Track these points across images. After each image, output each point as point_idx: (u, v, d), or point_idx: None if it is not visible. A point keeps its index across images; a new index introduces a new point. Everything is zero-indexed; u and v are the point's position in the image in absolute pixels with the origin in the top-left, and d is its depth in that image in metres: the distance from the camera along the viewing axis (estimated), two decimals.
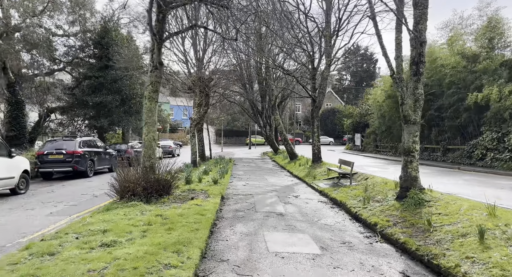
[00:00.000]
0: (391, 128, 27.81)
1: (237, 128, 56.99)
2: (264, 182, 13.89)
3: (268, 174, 16.76)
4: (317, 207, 9.04)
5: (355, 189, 10.40)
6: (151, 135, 8.59)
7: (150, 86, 8.54)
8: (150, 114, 8.57)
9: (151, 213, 6.81)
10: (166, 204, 7.95)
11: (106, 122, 21.67)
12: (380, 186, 9.81)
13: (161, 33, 8.48)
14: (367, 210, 7.65)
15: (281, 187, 12.62)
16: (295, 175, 16.13)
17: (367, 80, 72.81)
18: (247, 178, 14.81)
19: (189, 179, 11.20)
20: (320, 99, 16.27)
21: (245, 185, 12.75)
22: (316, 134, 16.78)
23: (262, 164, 22.84)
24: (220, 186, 11.06)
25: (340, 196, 9.61)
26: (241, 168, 19.95)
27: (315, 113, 16.66)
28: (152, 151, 8.64)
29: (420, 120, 7.49)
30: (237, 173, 16.69)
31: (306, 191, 11.88)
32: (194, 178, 11.78)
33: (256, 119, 31.43)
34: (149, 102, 8.56)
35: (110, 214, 6.72)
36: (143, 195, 7.98)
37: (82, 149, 14.74)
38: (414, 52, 7.31)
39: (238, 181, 13.73)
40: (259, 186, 12.51)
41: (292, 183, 13.82)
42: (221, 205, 8.73)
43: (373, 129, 33.29)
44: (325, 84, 15.94)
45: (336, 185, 11.89)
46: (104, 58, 22.26)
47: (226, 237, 5.98)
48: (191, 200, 8.54)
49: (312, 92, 16.76)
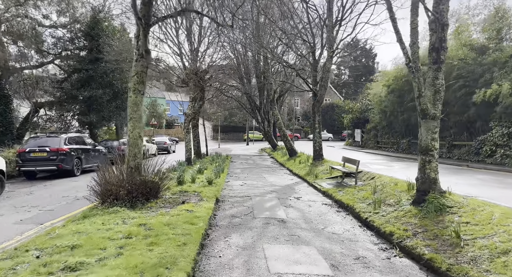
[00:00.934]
0: (393, 123, 26.98)
1: (234, 124, 56.00)
2: (263, 181, 13.02)
3: (267, 172, 15.90)
4: (322, 210, 8.18)
5: (362, 190, 9.55)
6: (136, 132, 7.67)
7: (135, 77, 7.61)
8: (135, 108, 7.64)
9: (134, 221, 5.92)
10: (153, 209, 7.06)
11: (96, 118, 20.67)
12: (390, 187, 8.95)
13: (148, 17, 7.52)
14: (379, 216, 6.79)
15: (281, 187, 11.76)
16: (295, 173, 15.27)
17: (366, 75, 71.94)
18: (244, 177, 13.94)
19: (182, 179, 10.30)
20: (322, 93, 15.37)
21: (242, 184, 11.87)
22: (317, 130, 15.91)
23: (261, 161, 21.97)
24: (215, 186, 10.17)
25: (346, 198, 8.75)
26: (239, 165, 19.07)
27: (316, 108, 15.77)
28: (138, 149, 7.73)
29: (440, 115, 6.60)
30: (234, 171, 15.82)
31: (308, 191, 11.02)
32: (187, 178, 10.88)
33: (254, 114, 30.53)
34: (134, 95, 7.63)
35: (86, 223, 5.83)
36: (127, 199, 7.08)
37: (68, 146, 13.80)
38: (434, 37, 6.41)
39: (235, 180, 12.85)
40: (258, 186, 11.64)
41: (293, 182, 12.96)
42: (215, 209, 7.85)
43: (373, 125, 32.46)
44: (327, 77, 15.03)
45: (341, 185, 11.03)
46: (95, 50, 21.21)
47: (220, 251, 5.10)
48: (182, 204, 7.65)
49: (313, 85, 15.86)
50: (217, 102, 43.86)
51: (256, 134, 50.63)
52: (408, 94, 23.04)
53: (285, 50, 20.59)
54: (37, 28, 20.40)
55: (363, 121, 35.57)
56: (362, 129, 35.70)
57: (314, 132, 16.03)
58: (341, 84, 74.68)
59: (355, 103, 38.28)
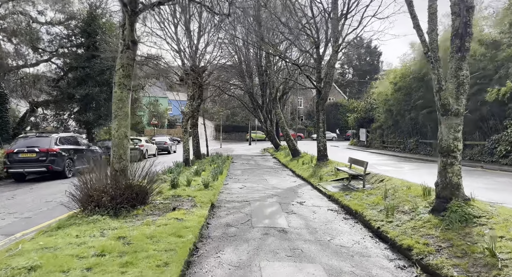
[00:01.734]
0: (399, 123, 26.09)
1: (236, 123, 55.28)
2: (264, 183, 12.25)
3: (268, 174, 15.12)
4: (328, 217, 7.39)
5: (372, 194, 8.75)
6: (122, 131, 6.93)
7: (120, 70, 6.86)
8: (120, 105, 6.90)
9: (113, 233, 5.17)
10: (139, 217, 6.31)
11: (93, 117, 19.99)
12: (402, 191, 8.15)
13: (134, 3, 6.78)
14: (394, 226, 6.00)
15: (283, 190, 10.97)
16: (299, 174, 14.48)
17: (370, 74, 70.96)
18: (244, 179, 13.17)
19: (175, 183, 9.54)
20: (326, 90, 14.57)
21: (241, 188, 11.10)
22: (322, 129, 15.10)
23: (262, 162, 21.20)
24: (211, 190, 9.41)
25: (354, 204, 7.96)
26: (239, 166, 18.31)
27: (320, 106, 14.97)
28: (123, 150, 6.98)
29: (464, 110, 5.79)
30: (234, 173, 15.06)
31: (312, 195, 10.23)
32: (181, 181, 10.13)
33: (256, 114, 29.77)
34: (120, 90, 6.89)
35: (58, 235, 5.09)
36: (110, 206, 6.34)
37: (59, 146, 13.11)
38: (457, 22, 5.60)
39: (234, 183, 12.09)
40: (258, 189, 10.87)
41: (296, 185, 12.17)
42: (209, 217, 7.09)
43: (379, 124, 31.59)
44: (332, 73, 14.22)
45: (347, 188, 10.24)
46: (92, 47, 20.55)
47: (209, 272, 4.33)
48: (173, 211, 6.90)
49: (318, 82, 15.05)
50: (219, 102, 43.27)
51: (259, 134, 49.89)
52: (416, 92, 22.19)
53: (287, 47, 19.81)
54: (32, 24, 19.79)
55: (368, 120, 34.72)
56: (367, 129, 34.86)
57: (318, 131, 15.23)
58: (345, 83, 73.71)
59: (360, 102, 37.41)
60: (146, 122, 44.18)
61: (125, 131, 6.97)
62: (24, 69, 23.04)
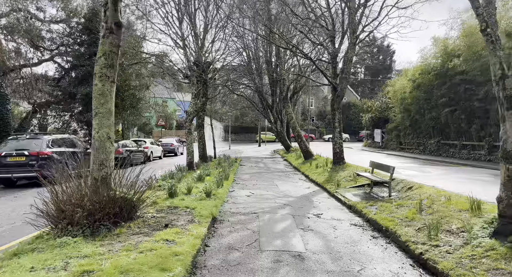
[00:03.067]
0: (418, 123, 24.48)
1: (246, 124, 54.13)
2: (274, 190, 10.98)
3: (279, 178, 13.85)
4: (352, 236, 6.09)
5: (402, 205, 7.40)
6: (104, 132, 5.76)
7: (102, 58, 5.71)
8: (102, 100, 5.74)
9: (80, 264, 3.98)
10: (121, 237, 5.13)
11: None
12: (440, 203, 6.80)
13: None
14: (443, 252, 4.66)
15: (296, 198, 9.70)
16: (312, 179, 13.17)
17: (383, 73, 69.23)
18: (253, 185, 11.92)
19: (173, 191, 8.35)
20: (343, 87, 13.25)
21: (249, 195, 9.86)
22: (338, 129, 13.78)
23: (272, 164, 19.93)
24: (214, 200, 8.19)
25: (383, 218, 6.63)
26: (248, 169, 17.08)
27: (336, 104, 13.65)
28: (106, 155, 5.81)
29: None
30: (241, 177, 13.83)
31: (330, 204, 8.92)
32: (181, 189, 8.95)
33: (266, 114, 28.56)
34: (101, 82, 5.73)
35: (7, 268, 3.92)
36: (86, 224, 5.18)
37: (52, 149, 12.09)
38: None
39: (241, 190, 10.84)
40: (268, 198, 9.61)
41: (310, 192, 10.87)
42: (208, 235, 5.86)
43: (395, 124, 29.95)
44: (349, 68, 12.90)
45: (370, 197, 8.90)
46: (93, 45, 19.62)
47: None
48: (165, 228, 5.70)
49: (333, 78, 13.73)
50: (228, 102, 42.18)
51: (269, 135, 48.66)
52: (438, 90, 20.62)
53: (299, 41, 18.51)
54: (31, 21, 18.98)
55: (383, 120, 33.11)
56: (382, 130, 33.27)
57: (334, 132, 13.90)
58: (357, 83, 71.95)
59: (375, 102, 35.77)
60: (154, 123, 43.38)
61: (108, 132, 5.80)
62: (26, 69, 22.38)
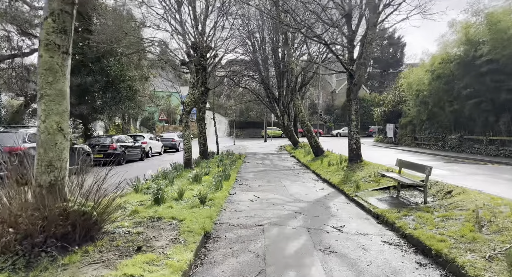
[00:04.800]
0: (436, 116, 22.67)
1: (251, 119, 52.58)
2: (283, 192, 9.41)
3: (287, 177, 12.27)
4: (390, 263, 4.49)
5: (449, 217, 5.77)
6: (53, 122, 4.20)
7: (49, 20, 4.14)
8: (50, 78, 4.17)
9: None
10: (68, 272, 3.59)
11: (86, 110, 17.54)
12: (504, 216, 5.17)
13: None
14: None
15: (308, 203, 8.11)
16: (326, 179, 11.56)
17: (394, 66, 67.02)
18: (257, 186, 10.35)
19: (160, 196, 6.81)
20: (361, 74, 11.58)
21: (253, 200, 8.29)
22: (355, 122, 12.13)
23: (279, 161, 18.34)
24: (209, 208, 6.64)
25: (429, 236, 5.01)
26: (252, 167, 15.52)
27: (353, 93, 11.98)
28: (56, 152, 4.26)
29: None
30: (245, 177, 12.27)
31: (351, 212, 7.32)
32: (170, 193, 7.42)
33: (272, 108, 26.93)
34: (48, 53, 4.16)
35: None
36: (20, 251, 3.66)
37: (30, 144, 10.61)
38: None
39: (243, 192, 9.28)
40: (275, 203, 8.04)
41: (324, 195, 9.27)
42: (196, 262, 4.31)
43: (409, 118, 28.15)
44: (369, 52, 11.19)
45: (400, 204, 7.29)
46: (85, 31, 18.12)
47: None
48: (136, 252, 4.16)
49: (349, 64, 12.06)
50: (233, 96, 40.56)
51: (275, 130, 47.06)
52: (461, 80, 18.79)
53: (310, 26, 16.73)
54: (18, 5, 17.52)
55: (397, 115, 31.30)
56: (395, 124, 31.47)
57: (349, 125, 12.25)
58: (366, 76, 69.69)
59: (387, 95, 33.90)
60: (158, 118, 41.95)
61: (59, 122, 4.24)
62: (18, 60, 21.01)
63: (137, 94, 21.23)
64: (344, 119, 53.62)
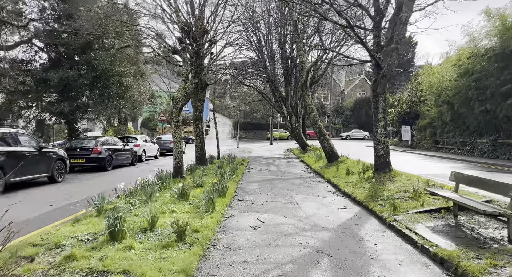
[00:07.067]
0: (463, 117, 20.26)
1: (256, 120, 50.36)
2: (295, 212, 7.18)
3: (298, 189, 10.03)
4: None
5: None
6: None
7: None
8: None
9: None
10: None
11: (69, 108, 15.43)
12: None
13: None
14: None
15: (332, 232, 5.87)
16: (347, 193, 9.29)
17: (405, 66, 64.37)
18: (262, 203, 8.11)
19: (118, 228, 4.58)
20: (392, 62, 9.32)
21: (256, 227, 6.04)
22: (382, 123, 9.87)
23: (287, 167, 16.09)
24: (190, 247, 4.42)
25: None
26: (256, 174, 13.31)
27: (380, 87, 9.73)
28: None
29: None
30: (247, 188, 10.04)
31: (397, 249, 5.05)
32: (141, 218, 5.23)
33: (279, 108, 24.70)
34: None
35: None
36: None
37: None
38: None
39: (243, 214, 7.03)
40: (287, 232, 5.79)
41: (350, 217, 7.00)
42: None
43: (428, 120, 25.77)
44: (403, 34, 8.93)
45: (467, 237, 5.03)
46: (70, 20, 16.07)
47: None
48: None
49: (375, 51, 9.81)
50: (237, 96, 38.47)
51: (281, 132, 44.81)
52: (497, 76, 16.41)
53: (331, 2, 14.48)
54: None
55: (414, 116, 28.89)
56: (411, 126, 29.05)
57: (376, 126, 9.98)
58: None
59: (403, 94, 31.50)
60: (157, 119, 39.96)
61: None
62: None
63: (130, 92, 19.13)
64: (355, 121, 51.18)
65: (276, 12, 21.51)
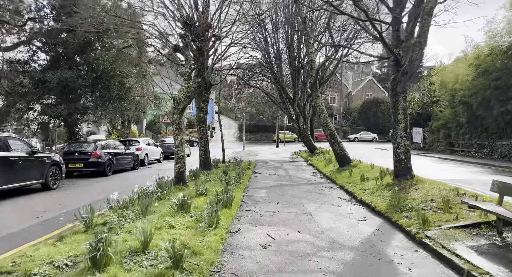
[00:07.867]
0: (480, 119, 19.25)
1: (262, 122, 49.56)
2: (309, 225, 6.35)
3: (310, 197, 9.19)
4: None
5: None
6: None
7: None
8: None
9: None
10: None
11: (67, 110, 14.76)
12: None
13: None
14: None
15: (354, 251, 5.01)
16: (365, 202, 8.42)
17: None
18: (271, 214, 7.29)
19: (101, 253, 3.78)
20: (414, 58, 8.46)
21: (266, 246, 5.20)
22: (403, 124, 9.00)
23: (296, 172, 15.24)
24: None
25: None
26: (264, 180, 12.50)
27: (400, 86, 8.87)
28: None
29: None
30: (254, 196, 9.22)
31: (436, 274, 4.20)
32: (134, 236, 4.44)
33: (286, 110, 23.89)
34: None
35: None
36: None
37: None
38: None
39: (251, 228, 6.20)
40: (302, 251, 4.95)
41: (373, 232, 6.14)
42: None
43: (442, 121, 24.76)
44: (427, 26, 8.07)
45: None
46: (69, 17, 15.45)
47: None
48: None
49: (394, 46, 8.97)
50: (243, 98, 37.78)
51: (287, 135, 43.91)
52: None
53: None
54: None
55: (425, 117, 27.91)
56: (423, 128, 28.05)
57: (395, 127, 9.11)
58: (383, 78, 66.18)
59: (414, 95, 30.50)
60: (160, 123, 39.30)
61: None
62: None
63: (132, 93, 18.44)
64: (363, 123, 50.13)
65: (283, 10, 20.77)
